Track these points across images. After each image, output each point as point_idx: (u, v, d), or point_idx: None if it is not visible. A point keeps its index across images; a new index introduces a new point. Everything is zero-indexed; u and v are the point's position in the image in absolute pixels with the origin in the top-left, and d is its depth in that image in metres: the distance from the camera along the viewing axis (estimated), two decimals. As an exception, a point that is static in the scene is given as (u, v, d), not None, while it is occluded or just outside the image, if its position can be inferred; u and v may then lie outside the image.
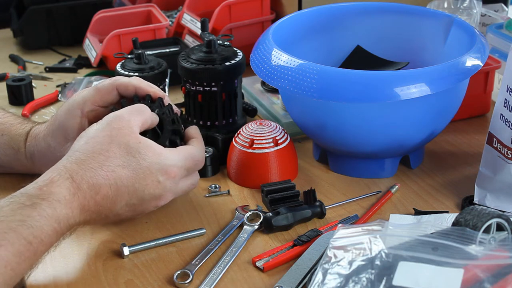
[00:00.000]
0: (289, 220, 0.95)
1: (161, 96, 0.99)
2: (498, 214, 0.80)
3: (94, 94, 0.99)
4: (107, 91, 0.99)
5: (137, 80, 1.00)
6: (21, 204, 0.81)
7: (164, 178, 0.89)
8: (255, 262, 0.89)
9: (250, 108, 1.22)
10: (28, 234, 0.79)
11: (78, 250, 0.92)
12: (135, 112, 0.92)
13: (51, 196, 0.82)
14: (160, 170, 0.89)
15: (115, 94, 0.99)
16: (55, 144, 0.99)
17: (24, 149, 1.03)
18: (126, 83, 0.99)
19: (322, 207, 0.97)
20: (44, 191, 0.82)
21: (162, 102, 0.98)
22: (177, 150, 0.92)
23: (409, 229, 0.81)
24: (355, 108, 0.99)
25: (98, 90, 0.99)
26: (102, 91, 0.99)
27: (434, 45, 1.15)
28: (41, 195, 0.82)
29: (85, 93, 0.99)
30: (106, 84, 0.99)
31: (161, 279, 0.87)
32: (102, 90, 0.99)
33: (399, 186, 1.04)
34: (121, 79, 1.00)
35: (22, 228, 0.79)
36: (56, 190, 0.83)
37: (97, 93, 0.99)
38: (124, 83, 0.99)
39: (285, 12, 1.45)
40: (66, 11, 1.59)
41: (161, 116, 0.96)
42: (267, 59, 1.03)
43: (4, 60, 1.56)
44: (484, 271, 0.71)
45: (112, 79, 1.00)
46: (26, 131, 1.04)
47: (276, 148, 1.04)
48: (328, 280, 0.76)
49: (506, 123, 0.96)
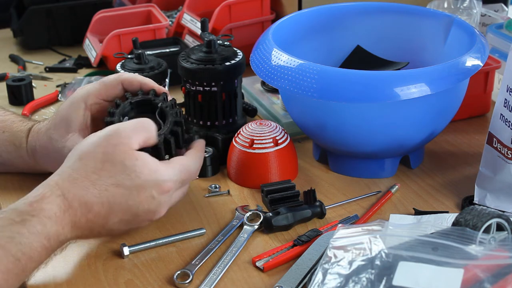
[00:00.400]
0: (289, 220, 0.95)
1: (165, 92, 0.98)
2: (498, 214, 0.80)
3: (99, 87, 0.99)
4: (112, 85, 0.99)
5: (142, 77, 1.00)
6: (11, 220, 0.80)
7: (158, 193, 0.88)
8: (255, 262, 0.89)
9: (250, 108, 1.22)
10: (17, 251, 0.78)
11: (78, 250, 0.92)
12: (139, 128, 0.89)
13: (42, 213, 0.81)
14: (154, 186, 0.87)
15: (120, 88, 0.99)
16: (57, 136, 0.99)
17: (25, 144, 1.03)
18: (131, 78, 0.99)
19: (322, 207, 0.97)
20: (34, 207, 0.81)
21: (166, 96, 0.98)
22: (173, 163, 0.90)
23: (409, 229, 0.81)
24: (355, 108, 0.99)
25: (103, 84, 0.99)
26: (108, 85, 0.99)
27: (434, 45, 1.15)
28: (31, 211, 0.81)
29: (89, 87, 1.00)
30: (112, 78, 0.99)
31: (161, 279, 0.87)
32: (108, 84, 0.99)
33: (399, 186, 1.04)
34: (126, 74, 1.00)
35: (11, 245, 0.78)
36: (47, 207, 0.82)
37: (102, 87, 0.99)
38: (129, 78, 0.99)
39: (285, 12, 1.45)
40: (66, 11, 1.59)
41: (165, 109, 0.96)
42: (267, 59, 1.03)
43: (4, 60, 1.56)
44: (484, 271, 0.71)
45: (117, 74, 1.00)
46: (27, 127, 1.04)
47: (276, 148, 1.04)
48: (328, 280, 0.76)
49: (506, 123, 0.96)
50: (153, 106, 0.97)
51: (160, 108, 0.96)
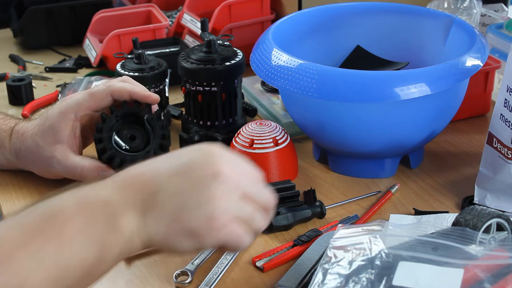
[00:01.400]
0: (289, 220, 0.95)
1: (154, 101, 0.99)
2: (498, 214, 0.80)
3: (88, 99, 1.00)
4: (102, 97, 1.00)
5: (131, 85, 1.00)
6: None
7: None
8: (255, 262, 0.89)
9: (250, 108, 1.22)
10: None
11: (78, 250, 0.92)
12: None
13: None
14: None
15: (109, 99, 1.00)
16: (44, 144, 1.00)
17: (8, 144, 1.03)
18: (121, 89, 0.99)
19: (322, 207, 0.97)
20: None
21: (150, 107, 1.00)
22: None
23: (409, 229, 0.81)
24: (355, 108, 0.99)
25: (92, 96, 1.00)
26: (97, 96, 1.00)
27: (434, 45, 1.15)
28: None
29: (79, 98, 1.00)
30: (101, 90, 1.00)
31: (161, 279, 0.87)
32: (97, 95, 1.00)
33: (399, 186, 1.04)
34: (115, 85, 1.00)
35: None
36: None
37: (91, 99, 1.00)
38: (119, 88, 0.99)
39: (285, 12, 1.45)
40: (66, 11, 1.59)
41: (151, 121, 0.99)
42: (267, 59, 1.03)
43: (4, 60, 1.56)
44: (484, 271, 0.71)
45: (106, 85, 1.00)
46: (10, 126, 1.04)
47: (276, 148, 1.04)
48: (328, 280, 0.76)
49: (506, 123, 0.96)
50: (139, 116, 1.00)
51: (146, 120, 0.99)
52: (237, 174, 0.73)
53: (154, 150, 0.97)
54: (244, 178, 0.74)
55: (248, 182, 0.74)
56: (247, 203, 0.73)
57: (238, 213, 0.72)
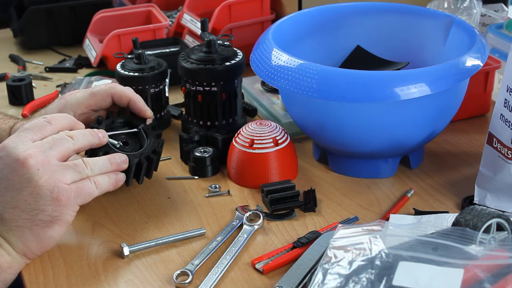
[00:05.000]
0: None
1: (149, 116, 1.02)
2: (498, 214, 0.80)
3: (89, 97, 1.00)
4: (102, 97, 1.00)
5: (132, 92, 1.02)
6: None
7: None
8: (255, 264, 0.89)
9: (250, 108, 1.22)
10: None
11: (78, 250, 0.92)
12: None
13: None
14: None
15: (109, 101, 1.01)
16: None
17: None
18: (121, 92, 1.01)
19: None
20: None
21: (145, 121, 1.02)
22: None
23: (409, 229, 0.81)
24: (355, 108, 0.99)
25: (93, 95, 1.00)
26: (98, 97, 1.00)
27: (434, 45, 1.15)
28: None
29: (79, 96, 1.00)
30: (102, 90, 1.00)
31: (161, 279, 0.87)
32: (98, 95, 1.00)
33: (415, 190, 1.03)
34: (117, 87, 1.01)
35: None
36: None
37: (92, 98, 1.00)
38: (120, 92, 1.01)
39: (285, 12, 1.45)
40: (66, 11, 1.59)
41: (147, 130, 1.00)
42: (267, 59, 1.03)
43: (4, 60, 1.56)
44: (484, 271, 0.71)
45: (108, 86, 1.01)
46: (9, 126, 1.04)
47: (276, 148, 1.04)
48: (328, 280, 0.76)
49: (506, 123, 0.96)
50: (134, 125, 1.01)
51: (142, 129, 1.00)
52: (35, 147, 0.83)
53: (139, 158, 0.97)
54: (43, 145, 0.83)
55: (48, 145, 0.84)
56: (62, 163, 0.84)
57: (66, 176, 0.84)
